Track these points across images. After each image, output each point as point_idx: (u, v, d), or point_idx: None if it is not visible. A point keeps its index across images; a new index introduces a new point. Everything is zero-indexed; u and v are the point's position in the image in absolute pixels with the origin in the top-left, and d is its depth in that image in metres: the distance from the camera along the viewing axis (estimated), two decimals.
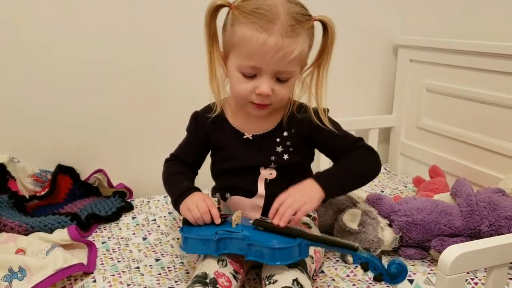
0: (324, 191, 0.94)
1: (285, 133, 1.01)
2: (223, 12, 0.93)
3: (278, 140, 1.01)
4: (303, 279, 0.85)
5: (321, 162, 1.37)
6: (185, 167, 1.07)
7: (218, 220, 0.94)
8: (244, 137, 1.02)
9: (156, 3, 1.40)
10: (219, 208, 0.97)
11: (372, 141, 1.66)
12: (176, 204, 0.99)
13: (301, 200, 0.91)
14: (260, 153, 1.01)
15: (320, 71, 0.97)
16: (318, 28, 0.94)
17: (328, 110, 1.05)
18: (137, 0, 1.38)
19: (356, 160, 1.01)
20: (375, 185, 1.55)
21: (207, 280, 0.85)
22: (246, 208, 1.02)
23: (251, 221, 0.94)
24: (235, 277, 0.89)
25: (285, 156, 1.01)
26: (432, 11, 1.59)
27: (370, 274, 0.99)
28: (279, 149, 1.01)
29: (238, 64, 0.92)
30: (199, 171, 1.11)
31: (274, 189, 0.98)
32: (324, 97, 0.99)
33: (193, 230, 0.94)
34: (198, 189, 1.00)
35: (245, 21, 0.88)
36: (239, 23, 0.89)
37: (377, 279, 0.84)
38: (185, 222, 0.97)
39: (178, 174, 1.05)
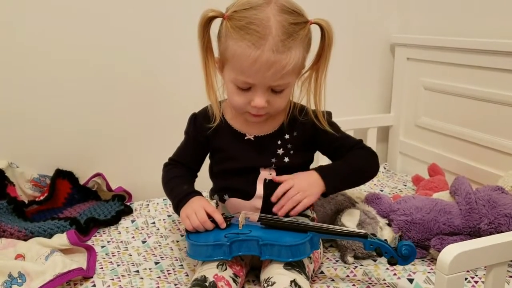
0: (326, 186, 0.98)
1: (287, 136, 1.01)
2: (217, 20, 0.92)
3: (279, 142, 1.01)
4: (301, 279, 0.85)
5: (320, 163, 1.36)
6: (185, 170, 1.07)
7: (223, 225, 0.95)
8: (246, 138, 1.02)
9: (155, 9, 1.40)
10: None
11: (371, 140, 1.66)
12: (177, 208, 0.99)
13: (304, 194, 0.95)
14: (261, 154, 1.01)
15: (318, 75, 0.96)
16: (316, 28, 0.93)
17: (330, 113, 1.05)
18: (136, 6, 1.38)
19: (359, 159, 1.03)
20: (374, 185, 1.55)
21: (207, 284, 0.85)
22: (244, 210, 1.02)
23: (256, 220, 0.96)
24: (234, 281, 0.89)
25: (286, 159, 1.01)
26: (429, 9, 1.59)
27: (370, 274, 0.99)
28: (280, 151, 1.00)
29: (232, 78, 0.92)
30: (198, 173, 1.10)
31: (273, 189, 0.98)
32: (323, 100, 0.99)
33: (200, 237, 0.93)
34: (198, 193, 1.00)
35: (236, 37, 0.87)
36: (231, 38, 0.88)
37: (391, 262, 0.88)
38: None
39: (177, 178, 1.04)
